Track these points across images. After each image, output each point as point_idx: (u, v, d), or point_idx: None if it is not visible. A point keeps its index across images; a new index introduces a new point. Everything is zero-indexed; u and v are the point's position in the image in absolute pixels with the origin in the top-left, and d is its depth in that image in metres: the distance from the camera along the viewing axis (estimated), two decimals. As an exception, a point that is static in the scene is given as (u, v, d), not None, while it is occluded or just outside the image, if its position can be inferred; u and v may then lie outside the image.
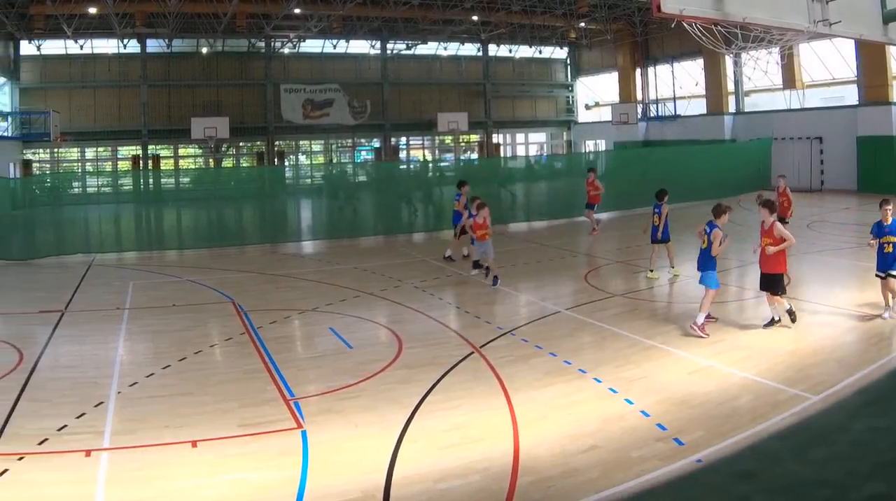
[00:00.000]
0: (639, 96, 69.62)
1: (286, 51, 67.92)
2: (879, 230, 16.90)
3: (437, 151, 77.49)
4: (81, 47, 60.39)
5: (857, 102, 48.76)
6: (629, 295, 20.98)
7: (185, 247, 33.71)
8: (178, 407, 12.67)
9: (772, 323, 16.36)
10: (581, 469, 9.97)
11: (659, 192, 23.76)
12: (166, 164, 65.92)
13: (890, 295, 16.63)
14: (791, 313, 16.34)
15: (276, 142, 68.71)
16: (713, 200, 41.28)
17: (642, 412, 11.90)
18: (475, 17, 62.83)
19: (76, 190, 41.58)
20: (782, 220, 22.46)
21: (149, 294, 22.95)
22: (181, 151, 67.34)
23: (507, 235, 33.63)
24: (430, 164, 60.53)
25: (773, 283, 16.38)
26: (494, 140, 75.86)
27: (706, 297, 16.47)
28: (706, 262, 16.82)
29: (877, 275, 17.01)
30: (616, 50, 70.32)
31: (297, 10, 54.39)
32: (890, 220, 16.67)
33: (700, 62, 60.90)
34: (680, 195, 39.53)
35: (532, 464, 10.21)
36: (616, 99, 70.75)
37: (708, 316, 16.57)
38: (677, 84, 66.10)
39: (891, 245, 16.50)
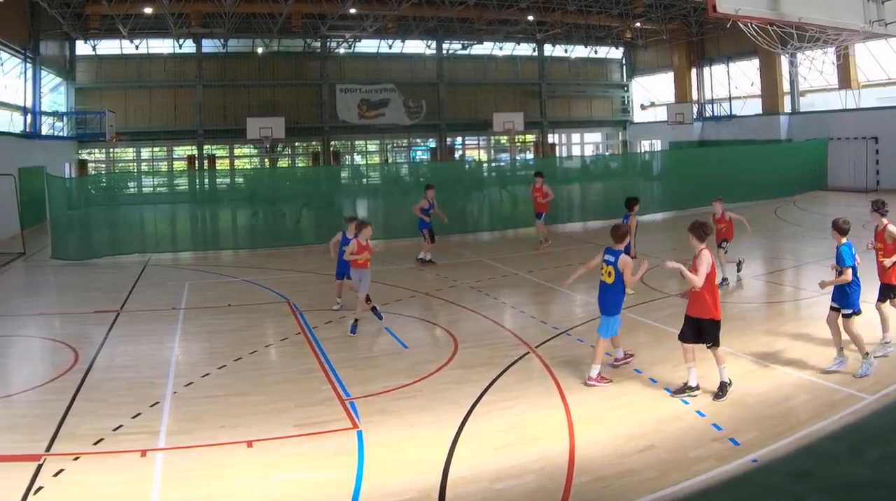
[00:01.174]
0: (694, 96, 69.05)
1: (342, 51, 68.06)
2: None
3: (492, 151, 77.42)
4: (137, 47, 60.97)
5: (913, 102, 48.12)
6: (684, 294, 20.67)
7: (240, 246, 33.98)
8: (234, 407, 12.79)
9: (722, 390, 12.47)
10: (637, 469, 9.98)
11: (629, 201, 22.72)
12: (222, 164, 66.41)
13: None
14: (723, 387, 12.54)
15: (332, 142, 68.89)
16: (770, 200, 41.09)
17: (698, 412, 11.92)
18: (531, 17, 62.62)
19: (132, 190, 41.93)
20: (724, 243, 22.51)
21: (204, 294, 23.11)
22: (237, 151, 67.70)
23: (562, 235, 33.58)
24: (486, 164, 60.52)
25: (704, 330, 12.71)
26: (550, 140, 75.63)
27: (599, 347, 13.44)
28: (613, 301, 13.58)
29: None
30: (671, 50, 69.80)
31: (352, 10, 54.45)
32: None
33: (755, 62, 60.33)
34: (737, 195, 39.36)
35: (588, 464, 10.21)
36: (671, 99, 70.13)
37: (625, 357, 14.50)
38: (733, 84, 65.50)
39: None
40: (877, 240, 14.85)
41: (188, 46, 63.12)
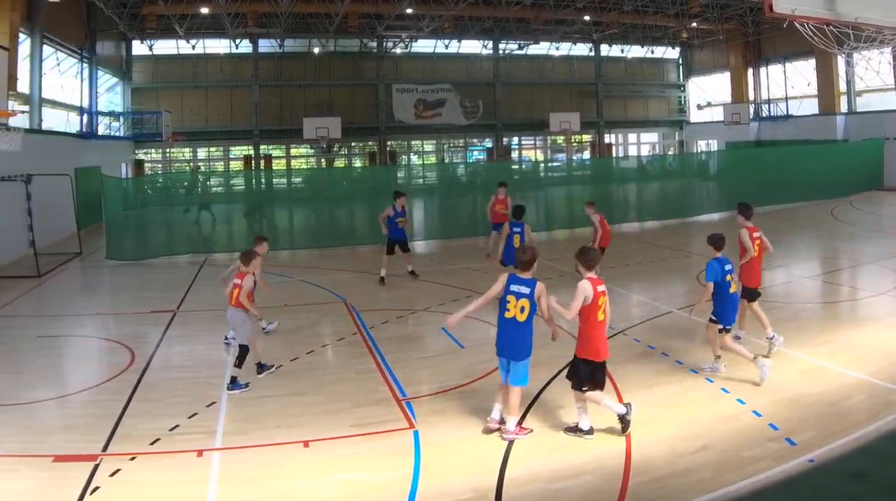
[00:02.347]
0: (751, 96, 68.51)
1: (398, 51, 68.22)
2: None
3: (548, 151, 77.32)
4: (193, 47, 61.62)
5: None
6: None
7: (296, 246, 34.07)
8: (290, 407, 12.84)
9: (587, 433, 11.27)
10: (693, 469, 9.95)
11: (516, 210, 21.92)
12: (278, 164, 66.84)
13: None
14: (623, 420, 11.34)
15: (388, 142, 69.10)
16: (827, 201, 40.68)
17: (754, 412, 11.82)
18: (587, 17, 62.32)
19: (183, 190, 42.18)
20: (602, 251, 21.95)
21: (260, 294, 22.98)
22: (293, 151, 68.12)
23: (619, 235, 33.47)
24: (542, 165, 60.44)
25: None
26: (606, 140, 75.39)
27: (515, 398, 11.27)
28: (524, 342, 11.37)
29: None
30: (728, 50, 69.22)
31: (409, 10, 54.62)
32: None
33: (812, 62, 59.81)
34: (793, 195, 39.06)
35: (644, 464, 10.19)
36: (728, 99, 69.65)
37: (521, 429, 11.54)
38: (789, 84, 64.97)
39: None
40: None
41: (244, 46, 63.66)
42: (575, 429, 11.30)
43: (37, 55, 38.33)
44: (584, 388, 11.23)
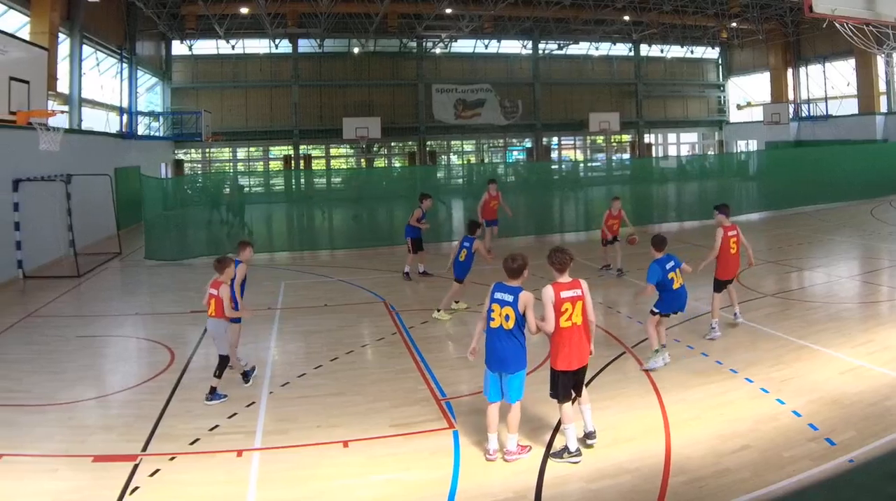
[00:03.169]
0: (790, 96, 68.33)
1: (438, 51, 68.36)
2: None
3: (588, 151, 77.23)
4: (233, 47, 62.05)
5: None
6: (781, 295, 20.64)
7: (336, 247, 34.11)
8: (330, 407, 12.85)
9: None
10: (733, 469, 9.91)
11: (471, 225, 21.27)
12: (318, 164, 67.15)
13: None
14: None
15: (428, 142, 69.24)
16: (867, 201, 40.46)
17: (794, 412, 11.75)
18: (627, 17, 62.40)
19: (227, 190, 42.35)
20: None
21: (300, 294, 23.27)
22: (332, 151, 68.42)
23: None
24: (581, 165, 60.43)
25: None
26: (646, 140, 75.27)
27: (515, 415, 10.68)
28: (516, 354, 10.70)
29: None
30: (768, 50, 69.11)
31: (448, 10, 54.79)
32: None
33: (852, 62, 59.79)
34: (833, 195, 38.89)
35: (684, 464, 10.16)
36: (768, 99, 69.53)
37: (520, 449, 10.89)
38: (829, 84, 64.76)
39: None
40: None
41: (284, 46, 64.07)
42: (561, 452, 10.58)
43: (76, 55, 38.61)
44: (572, 400, 10.80)
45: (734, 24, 64.93)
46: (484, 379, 10.94)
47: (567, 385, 10.70)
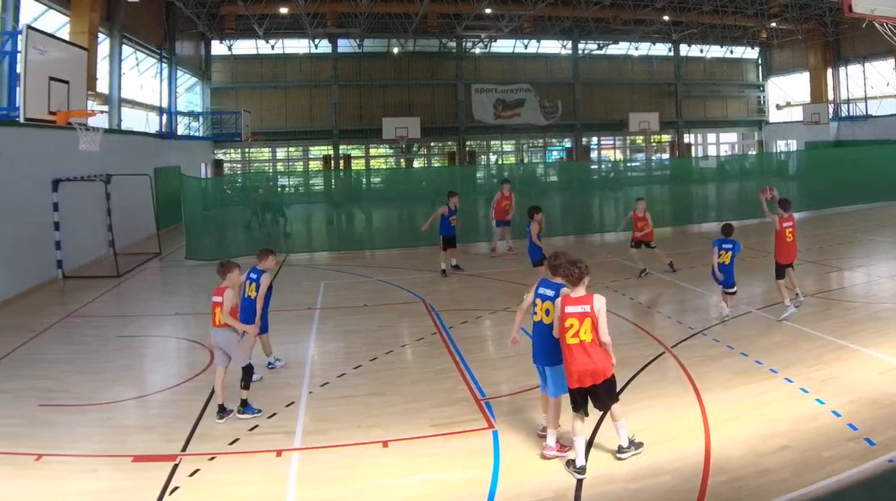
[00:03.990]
0: (830, 96, 67.90)
1: (477, 51, 68.45)
2: None
3: (628, 151, 77.28)
4: (273, 47, 62.36)
5: None
6: (820, 294, 20.47)
7: (376, 247, 34.19)
8: (370, 407, 12.87)
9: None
10: (773, 469, 9.88)
11: (529, 211, 22.47)
12: (357, 164, 67.32)
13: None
14: None
15: (468, 142, 69.32)
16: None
17: (833, 412, 11.68)
18: (666, 17, 62.20)
19: (261, 190, 42.48)
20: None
21: (340, 294, 23.32)
22: (372, 151, 68.56)
23: (698, 235, 33.34)
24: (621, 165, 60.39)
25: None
26: (685, 140, 75.09)
27: (554, 409, 10.83)
28: (554, 347, 10.64)
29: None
30: (807, 50, 68.60)
31: (488, 10, 54.76)
32: None
33: (891, 62, 59.26)
34: (873, 195, 38.69)
35: (724, 464, 10.13)
36: (807, 99, 69.09)
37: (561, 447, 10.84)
38: (868, 84, 64.42)
39: None
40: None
41: (324, 46, 64.32)
42: (569, 463, 10.27)
43: (116, 55, 38.86)
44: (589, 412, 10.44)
45: (774, 24, 64.56)
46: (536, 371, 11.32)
47: (576, 400, 10.33)
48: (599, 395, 10.29)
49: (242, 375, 12.78)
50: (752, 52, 76.50)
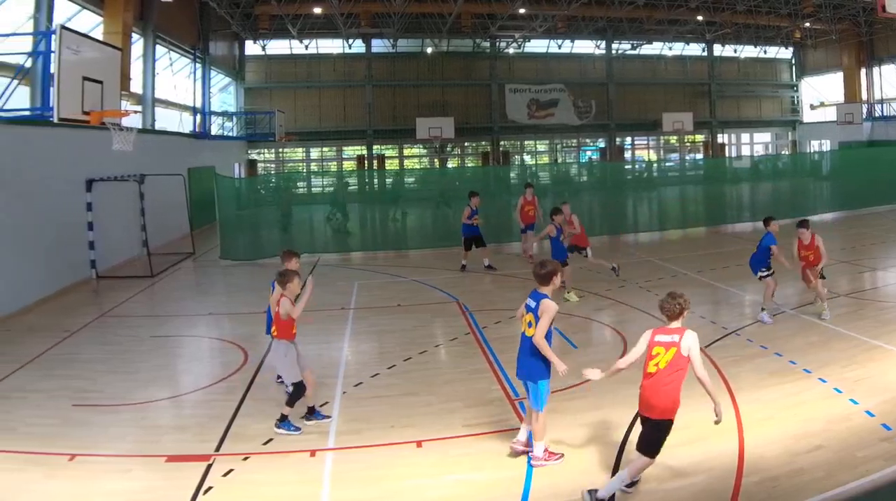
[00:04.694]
0: (864, 96, 67.61)
1: (511, 51, 68.50)
2: None
3: (661, 151, 77.18)
4: (306, 47, 62.57)
5: None
6: (854, 295, 20.46)
7: (410, 247, 34.16)
8: (403, 407, 12.90)
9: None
10: (806, 469, 9.88)
11: (552, 212, 22.13)
12: (391, 164, 67.47)
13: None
14: None
15: (501, 142, 69.35)
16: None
17: (867, 412, 11.67)
18: (700, 17, 62.15)
19: (301, 190, 42.54)
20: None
21: (373, 294, 23.38)
22: (406, 151, 68.75)
23: (731, 235, 33.31)
24: (655, 165, 60.31)
25: None
26: (719, 140, 74.89)
27: (539, 422, 10.48)
28: (534, 357, 10.59)
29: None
30: (841, 50, 68.36)
31: (521, 10, 54.80)
32: None
33: (926, 62, 58.77)
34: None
35: (757, 464, 10.13)
36: (841, 99, 68.85)
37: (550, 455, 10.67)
38: (902, 84, 63.85)
39: None
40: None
41: (358, 46, 64.55)
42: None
43: (150, 55, 39.05)
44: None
45: (807, 24, 64.36)
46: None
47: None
48: (646, 431, 9.55)
49: (293, 391, 12.18)
50: (785, 52, 76.29)
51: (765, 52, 73.23)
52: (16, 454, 11.10)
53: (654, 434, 9.43)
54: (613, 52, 70.64)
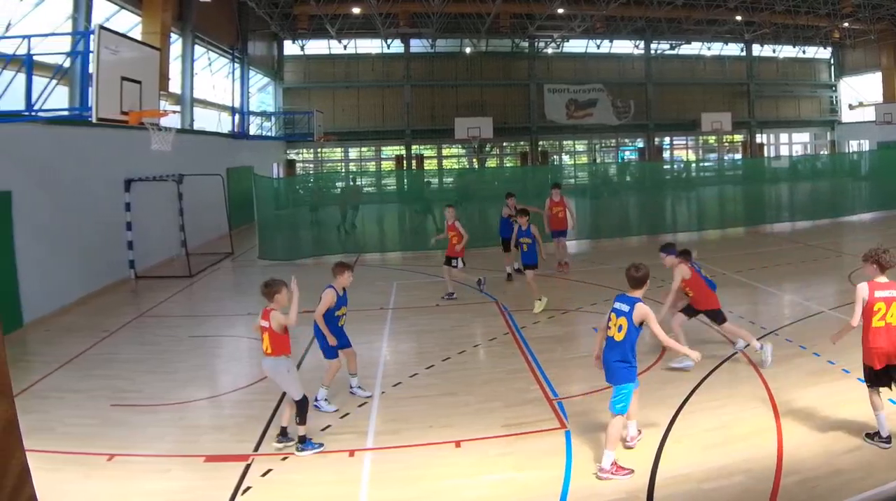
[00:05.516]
0: (903, 96, 66.77)
1: (549, 51, 68.53)
2: None
3: (700, 151, 76.93)
4: (345, 47, 62.84)
5: None
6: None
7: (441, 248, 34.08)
8: (442, 408, 12.91)
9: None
10: (845, 469, 9.84)
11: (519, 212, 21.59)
12: (430, 164, 67.62)
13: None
14: None
15: (540, 142, 69.39)
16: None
17: None
18: (739, 17, 61.98)
19: (339, 190, 42.63)
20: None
21: (412, 294, 23.43)
22: (444, 151, 68.90)
23: (770, 235, 33.15)
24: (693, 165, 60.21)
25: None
26: (758, 140, 74.56)
27: (613, 428, 10.29)
28: (621, 361, 10.46)
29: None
30: (880, 49, 67.73)
31: (560, 10, 54.77)
32: None
33: (965, 61, 58.25)
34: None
35: (796, 464, 10.08)
36: (880, 99, 68.27)
37: (639, 433, 11.33)
38: (941, 84, 63.34)
39: None
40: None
41: (396, 46, 64.76)
42: (873, 435, 10.78)
43: (188, 55, 39.24)
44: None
45: (846, 24, 63.99)
46: None
47: (880, 378, 10.74)
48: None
49: (297, 410, 11.49)
50: (824, 52, 75.97)
51: (803, 52, 73.12)
52: (54, 454, 11.12)
53: None
54: (652, 51, 70.48)
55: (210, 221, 34.36)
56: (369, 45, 64.61)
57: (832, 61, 76.43)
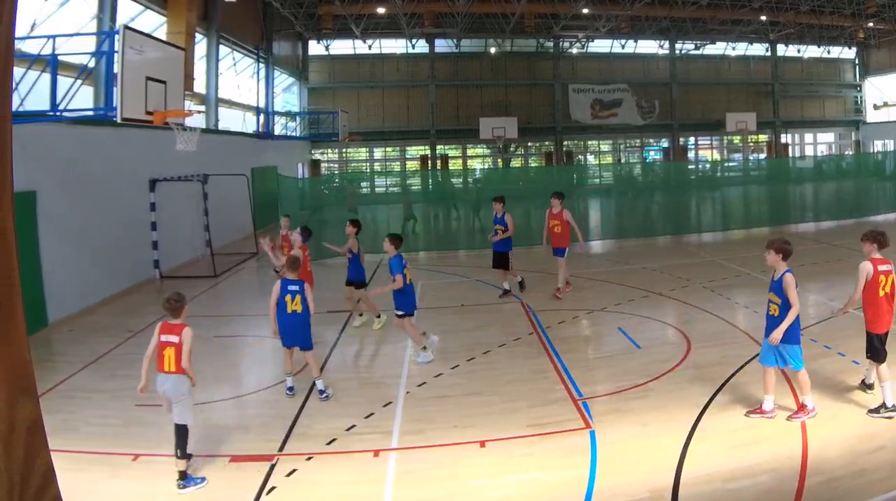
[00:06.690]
0: (927, 96, 66.55)
1: (574, 51, 68.53)
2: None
3: (725, 151, 76.84)
4: (370, 47, 63.01)
5: None
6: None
7: (474, 247, 34.02)
8: (467, 407, 12.91)
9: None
10: (869, 470, 9.82)
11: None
12: (454, 164, 67.71)
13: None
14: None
15: (565, 142, 69.43)
16: None
17: None
18: (763, 17, 61.99)
19: (364, 189, 42.68)
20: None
21: (437, 294, 23.43)
22: (469, 151, 68.96)
23: (795, 236, 33.06)
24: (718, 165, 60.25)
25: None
26: (782, 140, 74.37)
27: (803, 380, 11.91)
28: (791, 329, 11.88)
29: None
30: (904, 49, 67.49)
31: (585, 11, 54.79)
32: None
33: None
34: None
35: (820, 464, 10.09)
36: (904, 99, 67.95)
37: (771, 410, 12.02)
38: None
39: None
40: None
41: (421, 46, 64.89)
42: (878, 409, 11.75)
43: (213, 55, 39.35)
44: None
45: (871, 24, 63.84)
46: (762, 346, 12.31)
47: (877, 349, 12.19)
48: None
49: (176, 438, 10.59)
50: (849, 52, 75.83)
51: (828, 51, 73.05)
52: (79, 454, 11.20)
53: None
54: (677, 51, 70.51)
55: (235, 221, 34.45)
56: (394, 45, 64.81)
57: (857, 61, 76.31)
